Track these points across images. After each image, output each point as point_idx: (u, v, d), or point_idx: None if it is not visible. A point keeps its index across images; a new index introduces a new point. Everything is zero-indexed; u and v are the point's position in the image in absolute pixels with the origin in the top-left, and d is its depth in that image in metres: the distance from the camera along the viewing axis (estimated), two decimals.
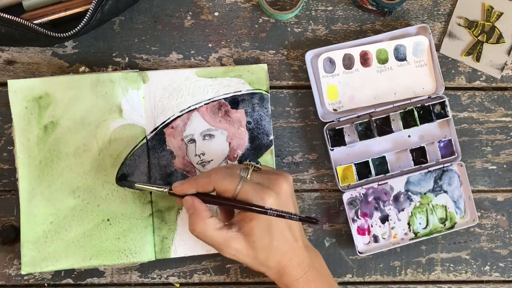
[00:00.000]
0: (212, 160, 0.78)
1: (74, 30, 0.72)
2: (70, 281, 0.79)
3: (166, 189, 0.71)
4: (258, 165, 0.69)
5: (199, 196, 0.69)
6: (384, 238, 0.80)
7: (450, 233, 0.81)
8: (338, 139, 0.79)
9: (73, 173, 0.75)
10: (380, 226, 0.80)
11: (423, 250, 0.81)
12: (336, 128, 0.79)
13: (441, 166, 0.79)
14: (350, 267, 0.81)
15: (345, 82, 0.79)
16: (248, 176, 0.68)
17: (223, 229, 0.68)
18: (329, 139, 0.78)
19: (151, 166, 0.77)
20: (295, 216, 0.65)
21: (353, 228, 0.79)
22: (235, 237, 0.67)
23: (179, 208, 0.77)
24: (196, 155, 0.78)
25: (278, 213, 0.65)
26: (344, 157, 0.80)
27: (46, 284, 0.79)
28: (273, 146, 0.79)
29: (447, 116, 0.79)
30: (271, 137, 0.79)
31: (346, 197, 0.79)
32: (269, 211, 0.65)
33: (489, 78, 0.82)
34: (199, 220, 0.67)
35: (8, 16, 0.71)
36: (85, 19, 0.72)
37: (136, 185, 0.73)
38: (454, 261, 0.81)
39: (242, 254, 0.68)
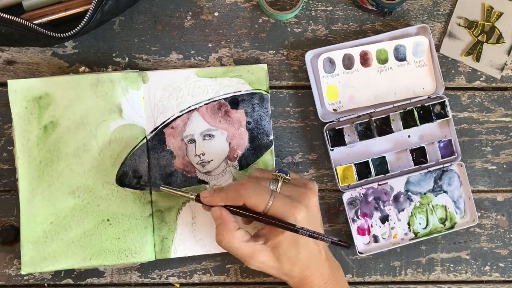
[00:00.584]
0: (212, 160, 0.78)
1: (74, 30, 0.72)
2: (70, 281, 0.79)
3: (193, 196, 0.71)
4: (287, 176, 0.69)
5: (228, 207, 0.69)
6: (384, 238, 0.80)
7: (450, 233, 0.81)
8: (338, 139, 0.79)
9: (73, 173, 0.75)
10: (380, 226, 0.80)
11: (423, 250, 0.81)
12: (336, 128, 0.79)
13: (441, 166, 0.79)
14: (350, 267, 0.81)
15: (345, 82, 0.79)
16: (278, 189, 0.68)
17: (249, 242, 0.68)
18: (329, 139, 0.78)
19: (151, 166, 0.77)
20: (327, 239, 0.66)
21: (353, 228, 0.79)
22: (261, 249, 0.68)
23: (179, 208, 0.77)
24: (196, 155, 0.78)
25: (310, 233, 0.65)
26: (344, 157, 0.80)
27: (46, 284, 0.79)
28: (273, 146, 0.79)
29: (447, 116, 0.79)
30: (271, 137, 0.79)
31: (346, 197, 0.79)
32: (300, 230, 0.65)
33: (489, 78, 0.82)
34: (226, 231, 0.68)
35: (8, 16, 0.71)
36: (85, 19, 0.72)
37: (161, 187, 0.73)
38: (454, 261, 0.81)
39: (267, 266, 0.68)
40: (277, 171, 0.69)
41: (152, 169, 0.77)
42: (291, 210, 0.66)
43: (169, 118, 0.78)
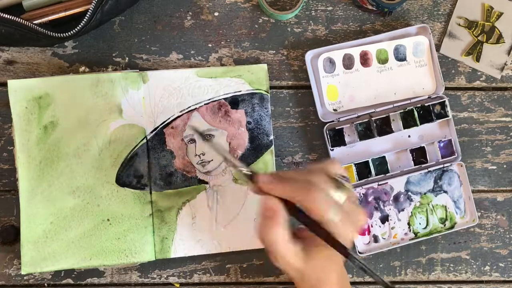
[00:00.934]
0: (212, 160, 0.78)
1: (74, 30, 0.72)
2: (70, 281, 0.79)
3: (249, 172, 0.62)
4: (348, 186, 0.61)
5: (285, 204, 0.60)
6: (384, 238, 0.80)
7: (450, 233, 0.81)
8: (338, 139, 0.79)
9: (73, 173, 0.75)
10: (380, 226, 0.80)
11: (423, 250, 0.81)
12: (336, 128, 0.79)
13: (441, 166, 0.79)
14: (350, 267, 0.81)
15: (345, 82, 0.79)
16: (343, 202, 0.59)
17: (290, 243, 0.60)
18: (329, 139, 0.78)
19: (151, 166, 0.77)
20: (377, 277, 0.59)
21: None
22: (296, 254, 0.60)
23: (179, 208, 0.77)
24: (196, 155, 0.78)
25: (362, 265, 0.59)
26: (344, 157, 0.80)
27: (46, 284, 0.79)
28: (273, 146, 0.79)
29: (447, 116, 0.79)
30: (271, 137, 0.79)
31: None
32: (354, 258, 0.59)
33: (489, 78, 0.82)
34: (274, 227, 0.59)
35: (8, 16, 0.71)
36: (85, 19, 0.72)
37: (219, 149, 0.71)
38: (454, 261, 0.81)
39: (291, 268, 0.61)
40: (340, 175, 0.61)
41: (152, 169, 0.77)
42: (347, 231, 0.59)
43: (169, 118, 0.78)
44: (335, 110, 0.79)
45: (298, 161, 0.80)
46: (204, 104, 0.78)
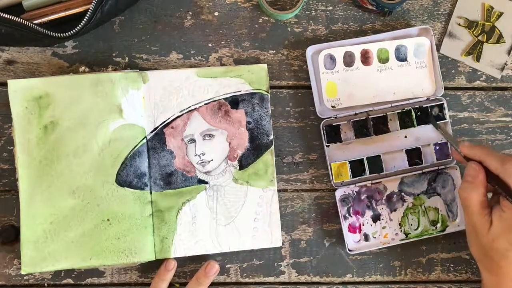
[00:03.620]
0: (212, 160, 0.78)
1: (74, 30, 0.72)
2: (70, 281, 0.79)
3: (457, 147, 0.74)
4: None
5: (488, 176, 0.70)
6: (375, 237, 0.80)
7: (451, 233, 0.81)
8: (334, 135, 0.79)
9: (73, 173, 0.75)
10: (371, 225, 0.80)
11: (423, 250, 0.81)
12: (333, 124, 0.79)
13: (436, 168, 0.79)
14: (350, 267, 0.81)
15: (345, 80, 0.79)
16: None
17: (485, 210, 0.70)
18: (325, 135, 0.78)
19: (151, 166, 0.77)
20: None
21: (345, 225, 0.79)
22: (488, 221, 0.70)
23: (179, 208, 0.77)
24: (196, 155, 0.78)
25: None
26: (340, 154, 0.80)
27: (46, 284, 0.79)
28: (273, 146, 0.79)
29: (445, 119, 0.79)
30: (271, 137, 0.79)
31: (339, 194, 0.79)
32: None
33: (489, 78, 0.82)
34: (474, 194, 0.70)
35: (8, 16, 0.71)
36: (85, 19, 0.72)
37: (439, 129, 0.77)
38: (454, 261, 0.81)
39: (482, 235, 0.70)
40: None
41: (152, 169, 0.77)
42: None
43: (169, 118, 0.78)
44: (333, 107, 0.79)
45: (298, 161, 0.80)
46: (204, 104, 0.78)
